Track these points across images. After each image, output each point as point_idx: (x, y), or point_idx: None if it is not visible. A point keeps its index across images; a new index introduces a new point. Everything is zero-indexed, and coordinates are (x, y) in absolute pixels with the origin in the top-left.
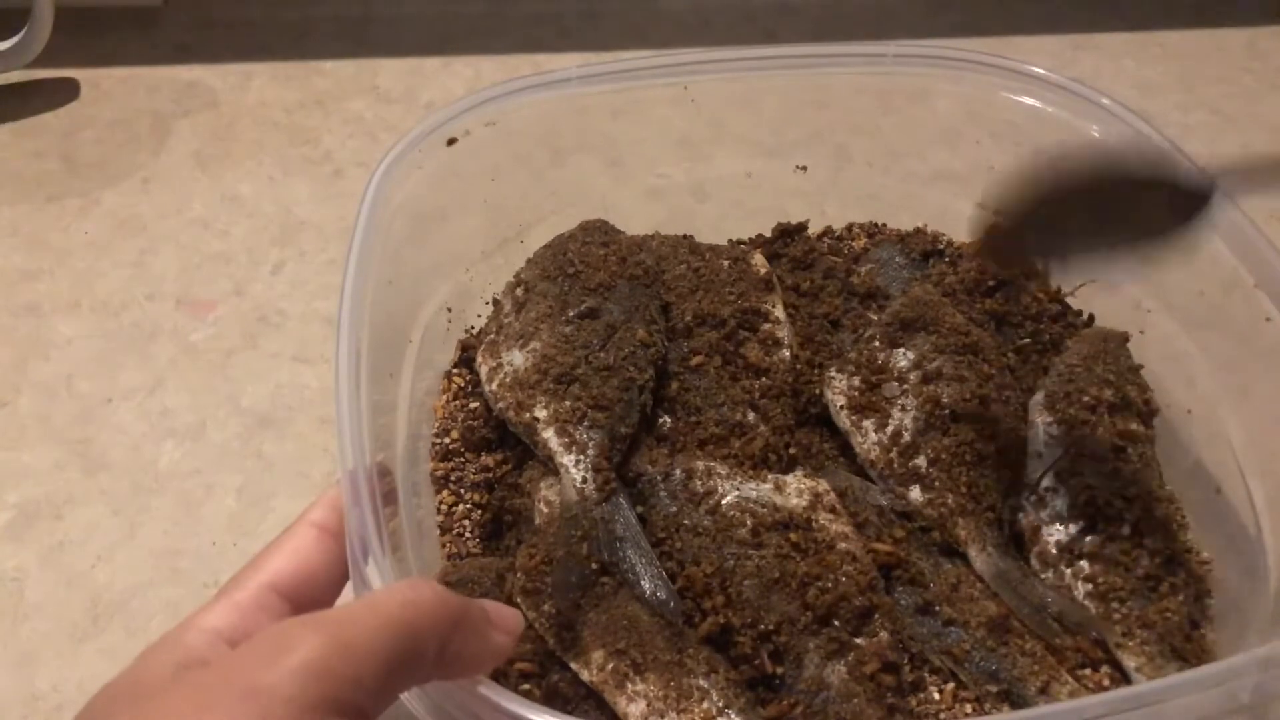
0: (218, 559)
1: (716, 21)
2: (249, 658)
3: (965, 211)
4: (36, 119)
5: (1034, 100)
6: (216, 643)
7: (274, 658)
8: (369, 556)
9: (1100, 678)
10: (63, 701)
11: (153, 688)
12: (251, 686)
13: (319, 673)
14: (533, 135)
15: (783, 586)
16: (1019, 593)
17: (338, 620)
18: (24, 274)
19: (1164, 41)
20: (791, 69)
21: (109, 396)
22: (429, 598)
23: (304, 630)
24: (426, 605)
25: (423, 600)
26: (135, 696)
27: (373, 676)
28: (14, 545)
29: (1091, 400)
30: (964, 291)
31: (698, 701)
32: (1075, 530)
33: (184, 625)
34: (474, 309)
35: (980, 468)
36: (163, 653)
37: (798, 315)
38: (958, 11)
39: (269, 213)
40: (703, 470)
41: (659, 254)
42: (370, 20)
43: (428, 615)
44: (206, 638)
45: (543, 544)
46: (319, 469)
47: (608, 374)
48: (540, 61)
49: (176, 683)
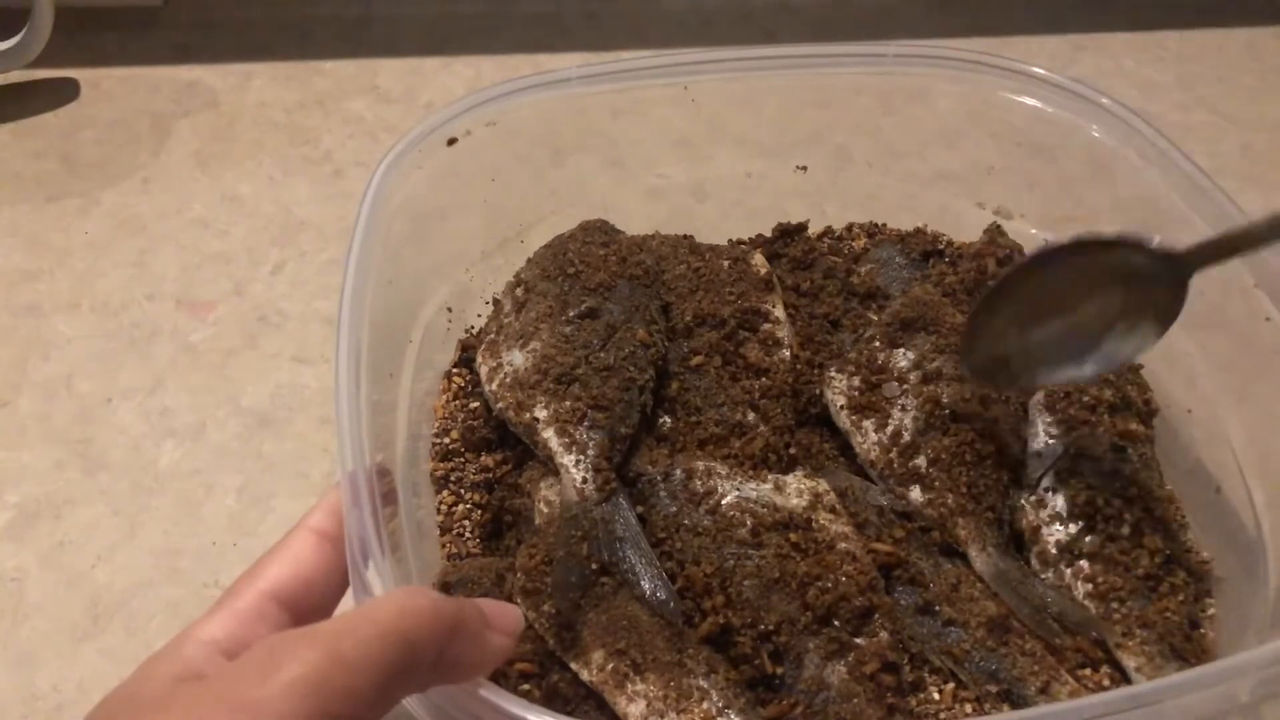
0: (218, 559)
1: (716, 21)
2: (243, 672)
3: (965, 211)
4: (36, 119)
5: (1034, 100)
6: (214, 655)
7: (268, 673)
8: (369, 558)
9: (1100, 678)
10: (63, 701)
11: (149, 702)
12: (245, 702)
13: (313, 687)
14: (533, 135)
15: (783, 586)
16: (1019, 593)
17: (332, 633)
18: (24, 274)
19: (1164, 41)
20: (791, 69)
21: (109, 396)
22: (425, 606)
23: (298, 644)
24: (423, 613)
25: (419, 608)
26: (131, 710)
27: (368, 688)
28: (14, 545)
29: (1091, 400)
30: (964, 291)
31: (698, 702)
32: (1075, 530)
33: (182, 636)
34: (474, 309)
35: (980, 468)
36: (160, 665)
37: (798, 315)
38: (958, 11)
39: (269, 213)
40: (703, 470)
41: (659, 254)
42: (370, 20)
43: (424, 624)
44: (204, 650)
45: (543, 544)
46: (319, 469)
47: (608, 374)
48: (540, 61)
49: (172, 697)
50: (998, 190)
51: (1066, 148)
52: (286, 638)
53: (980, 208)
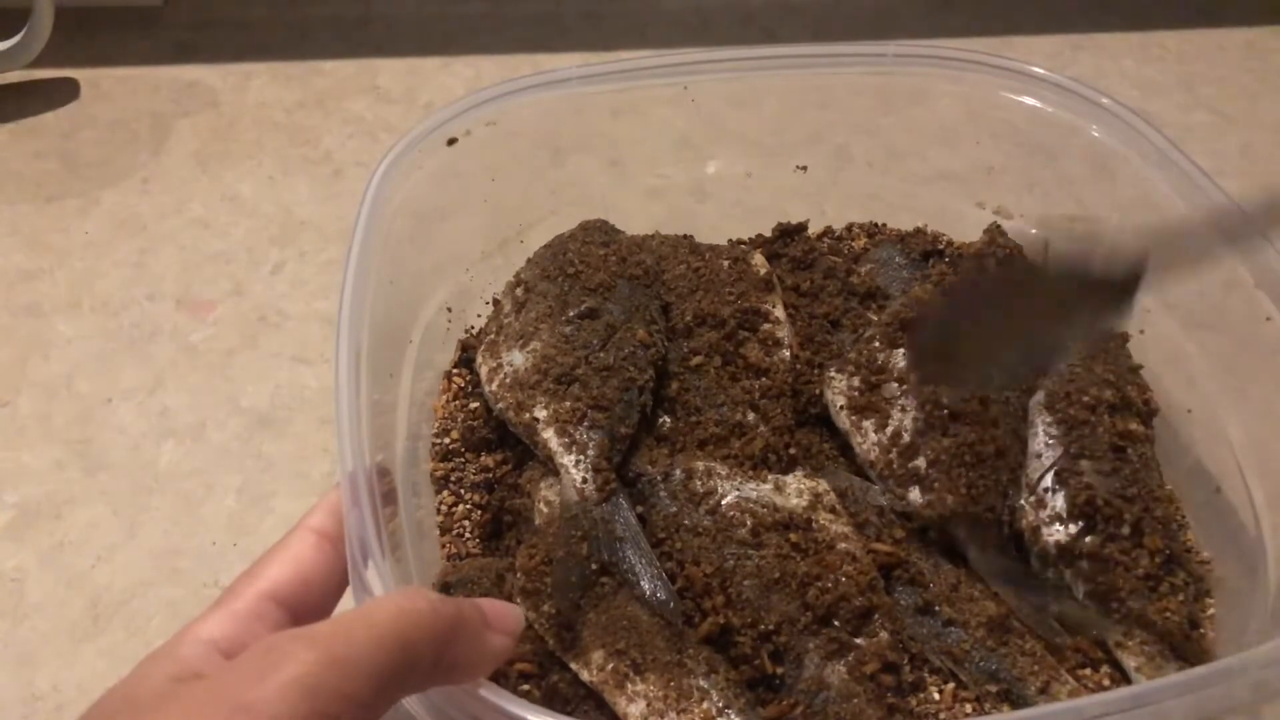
0: (218, 559)
1: (716, 21)
2: (240, 673)
3: (965, 211)
4: (36, 119)
5: (1034, 100)
6: (212, 654)
7: (264, 673)
8: (369, 558)
9: (1100, 678)
10: (63, 701)
11: (145, 702)
12: (241, 703)
13: (309, 689)
14: (533, 135)
15: (783, 586)
16: (1019, 593)
17: (329, 634)
18: (24, 274)
19: (1164, 41)
20: (791, 69)
21: (109, 396)
22: (423, 608)
23: (295, 645)
24: (421, 615)
25: (417, 610)
26: (128, 710)
27: (365, 690)
28: (14, 545)
29: (1091, 400)
30: None
31: (698, 702)
32: (1075, 530)
33: (180, 636)
34: (474, 309)
35: (980, 468)
36: (157, 665)
37: (798, 315)
38: (958, 11)
39: (269, 213)
40: (703, 470)
41: (659, 254)
42: (370, 20)
43: (422, 625)
44: (202, 649)
45: (543, 544)
46: (319, 469)
47: (608, 374)
48: (540, 61)
49: (168, 697)
50: (998, 190)
51: (1066, 148)
52: (284, 638)
53: (980, 208)
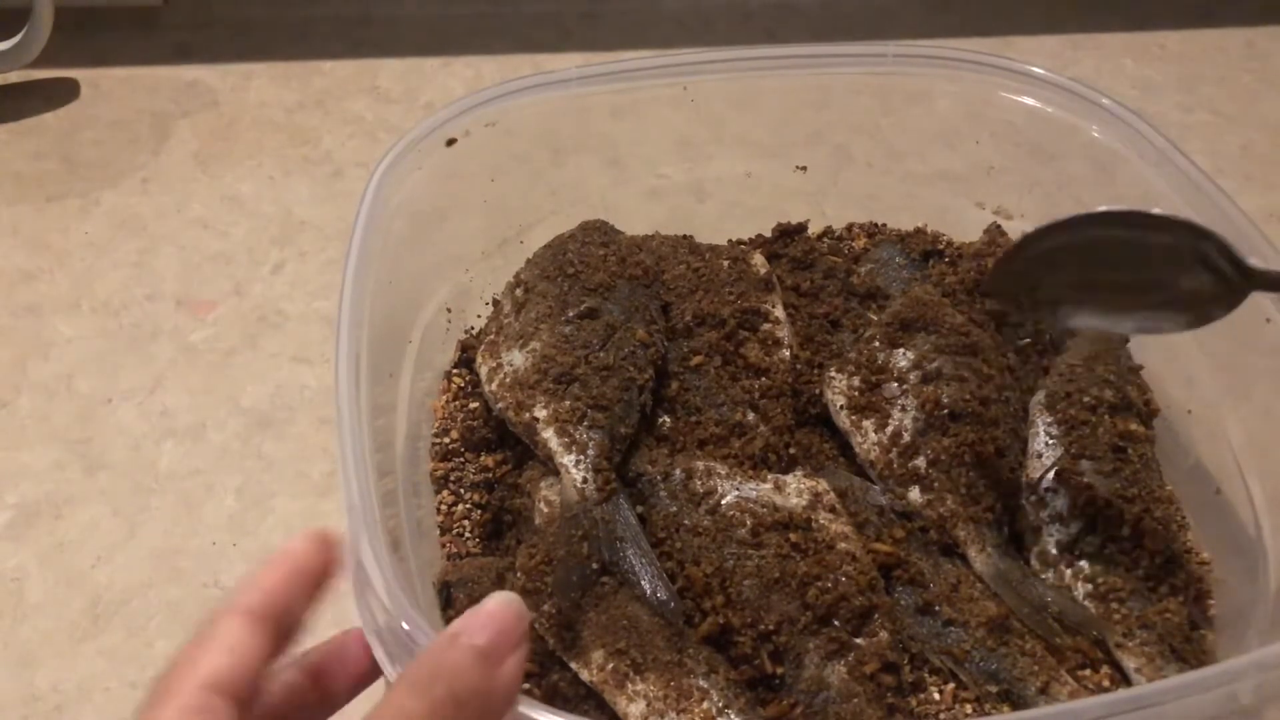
0: (218, 559)
1: (716, 21)
2: None
3: (965, 211)
4: (36, 119)
5: (1034, 100)
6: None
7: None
8: (368, 558)
9: (1100, 678)
10: (63, 702)
11: None
12: None
13: None
14: (533, 135)
15: (783, 586)
16: (1019, 593)
17: None
18: (24, 274)
19: (1164, 41)
20: (791, 69)
21: (109, 396)
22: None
23: None
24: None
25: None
26: None
27: None
28: (14, 545)
29: (1092, 400)
30: (964, 291)
31: (698, 701)
32: (1075, 530)
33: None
34: (474, 309)
35: (980, 468)
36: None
37: (798, 315)
38: (958, 11)
39: (269, 213)
40: (703, 470)
41: (659, 254)
42: (370, 20)
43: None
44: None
45: (543, 544)
46: (319, 469)
47: (607, 374)
48: (540, 61)
49: None
50: (998, 190)
51: (1066, 148)
52: None
53: (980, 208)
